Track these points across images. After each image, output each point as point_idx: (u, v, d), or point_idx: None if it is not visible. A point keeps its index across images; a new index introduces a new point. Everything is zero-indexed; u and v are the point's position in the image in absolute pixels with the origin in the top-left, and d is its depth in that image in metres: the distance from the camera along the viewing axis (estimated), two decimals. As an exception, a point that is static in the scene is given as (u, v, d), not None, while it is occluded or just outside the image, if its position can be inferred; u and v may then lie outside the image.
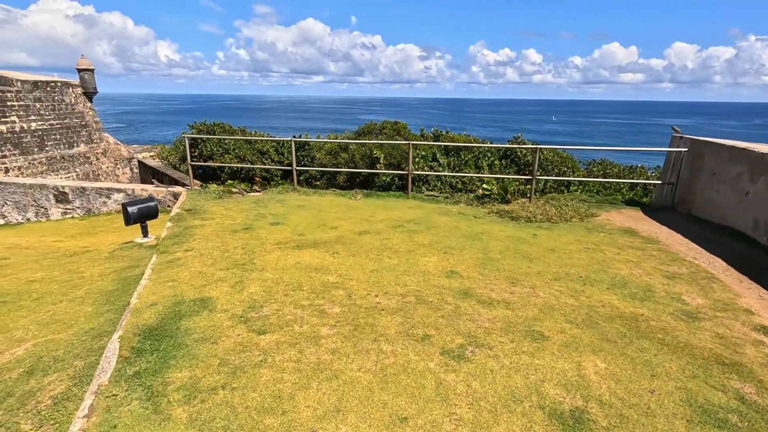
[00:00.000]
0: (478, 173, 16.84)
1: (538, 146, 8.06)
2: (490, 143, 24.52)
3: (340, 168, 21.02)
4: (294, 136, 26.31)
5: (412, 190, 9.38)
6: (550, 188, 11.36)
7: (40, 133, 33.05)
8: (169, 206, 9.79)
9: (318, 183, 24.20)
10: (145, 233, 7.06)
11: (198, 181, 9.61)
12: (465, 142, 24.08)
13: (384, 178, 19.40)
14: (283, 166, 24.07)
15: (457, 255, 5.21)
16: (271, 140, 8.81)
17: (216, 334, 3.33)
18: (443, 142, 24.69)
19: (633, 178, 12.29)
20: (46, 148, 33.33)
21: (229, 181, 10.14)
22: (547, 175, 15.50)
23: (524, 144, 19.58)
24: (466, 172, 17.01)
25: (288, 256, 5.01)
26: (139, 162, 22.71)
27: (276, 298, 3.90)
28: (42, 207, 10.21)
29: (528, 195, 8.96)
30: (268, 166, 10.15)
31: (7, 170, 30.72)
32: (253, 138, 8.24)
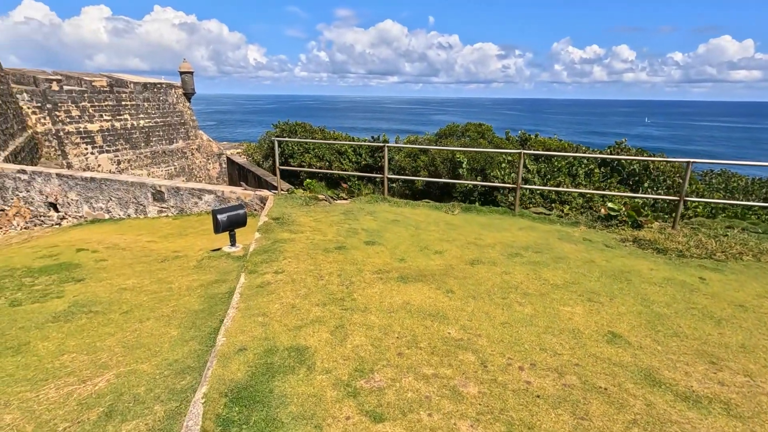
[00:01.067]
0: (574, 182, 14.96)
1: (690, 160, 6.41)
2: (590, 150, 22.08)
3: (419, 172, 20.07)
4: (384, 141, 25.77)
5: (500, 204, 8.17)
6: (663, 205, 9.30)
7: (147, 129, 36.47)
8: (255, 210, 9.56)
9: (394, 185, 23.50)
10: (233, 242, 6.69)
11: (285, 184, 9.24)
12: (557, 148, 21.93)
13: (467, 186, 18.10)
14: (371, 172, 23.70)
15: (608, 305, 3.98)
16: (364, 144, 8.05)
17: (319, 411, 2.53)
18: (532, 146, 22.73)
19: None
20: (151, 144, 36.73)
21: (308, 181, 9.69)
22: (657, 187, 13.20)
23: (629, 151, 17.16)
24: (560, 181, 15.22)
25: (393, 291, 4.15)
26: (228, 158, 23.86)
27: (388, 357, 3.04)
28: (141, 204, 10.54)
29: (666, 218, 7.31)
30: (359, 174, 9.50)
31: (119, 162, 34.33)
32: (341, 143, 7.55)
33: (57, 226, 11.18)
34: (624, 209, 7.12)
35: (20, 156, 20.39)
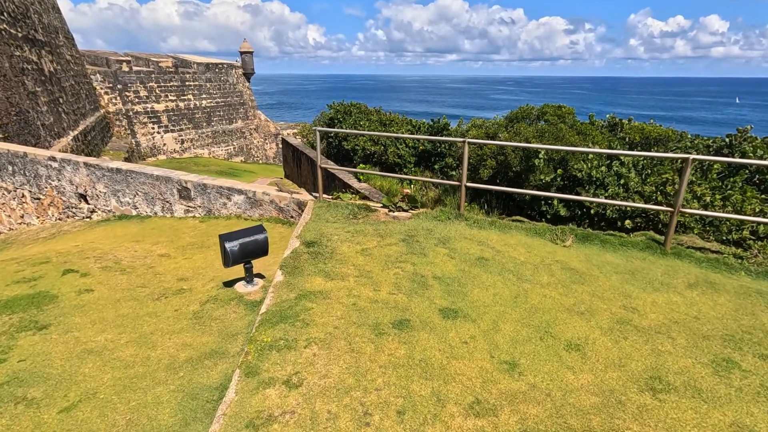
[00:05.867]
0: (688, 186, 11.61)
1: None
2: (700, 139, 18.07)
3: (485, 161, 17.29)
4: (445, 125, 22.99)
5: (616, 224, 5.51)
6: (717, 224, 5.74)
7: (209, 109, 36.34)
8: (292, 217, 7.67)
9: (453, 173, 20.83)
10: (249, 278, 4.77)
11: (327, 196, 7.20)
12: (662, 137, 18.06)
13: (543, 177, 15.07)
14: (429, 159, 21.11)
15: None
16: (432, 139, 5.67)
17: None
18: (627, 133, 18.97)
19: None
20: (212, 123, 36.65)
21: (362, 166, 7.56)
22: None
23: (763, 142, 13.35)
24: (662, 181, 11.92)
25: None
26: (283, 139, 22.70)
27: None
28: (167, 202, 9.09)
29: None
30: (432, 180, 7.23)
31: (182, 141, 34.55)
32: (396, 135, 5.23)
33: (88, 219, 10.07)
34: None
35: (90, 135, 20.32)
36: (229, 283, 5.06)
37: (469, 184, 5.71)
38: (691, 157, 4.48)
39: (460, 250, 4.72)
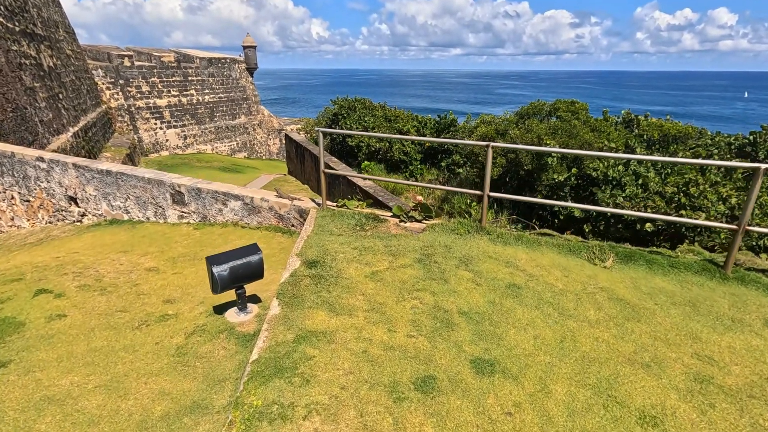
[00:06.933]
0: (712, 185, 10.86)
1: None
2: (721, 136, 17.22)
3: (496, 158, 16.48)
4: (452, 121, 22.11)
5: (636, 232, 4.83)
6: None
7: (211, 105, 35.70)
8: (293, 225, 7.02)
9: (461, 171, 20.00)
10: (242, 305, 4.12)
11: (331, 203, 6.54)
12: (684, 134, 17.19)
13: (556, 176, 14.26)
14: (436, 156, 20.15)
15: None
16: (464, 143, 4.93)
17: None
18: (644, 130, 18.10)
19: None
20: (215, 119, 36.02)
21: (366, 163, 6.96)
22: None
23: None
24: (684, 182, 11.17)
25: None
26: (286, 135, 22.11)
27: None
28: (160, 206, 8.46)
29: None
30: (450, 188, 6.52)
31: (185, 137, 33.99)
32: (439, 140, 4.50)
33: (78, 223, 9.49)
34: None
35: (91, 132, 19.74)
36: (220, 309, 4.42)
37: (492, 194, 5.02)
38: (763, 167, 3.77)
39: (487, 273, 4.05)
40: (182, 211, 8.37)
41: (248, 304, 4.26)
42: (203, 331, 4.02)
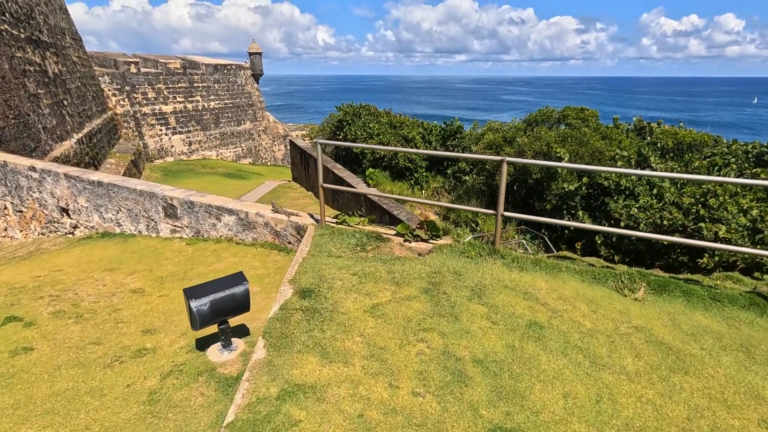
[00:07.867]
0: (734, 196, 10.29)
1: None
2: (738, 144, 16.59)
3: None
4: (459, 127, 21.59)
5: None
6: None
7: (217, 111, 35.56)
8: (290, 243, 6.56)
9: (467, 178, 19.48)
10: (225, 342, 3.65)
11: (331, 220, 6.06)
12: (698, 142, 16.62)
13: (566, 186, 13.71)
14: (441, 164, 19.67)
15: None
16: (479, 158, 4.42)
17: None
18: (658, 138, 17.52)
19: None
20: (220, 125, 35.86)
21: (371, 171, 6.53)
22: None
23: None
24: (702, 192, 10.59)
25: None
26: (291, 142, 21.77)
27: None
28: (152, 220, 8.05)
29: None
30: (462, 207, 6.06)
31: (190, 143, 33.81)
32: (449, 155, 3.98)
33: (70, 236, 9.12)
34: None
35: (95, 138, 19.49)
36: (203, 343, 3.95)
37: (507, 214, 4.52)
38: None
39: (503, 308, 3.55)
40: (175, 225, 7.95)
41: (233, 340, 3.79)
42: (181, 372, 3.55)
